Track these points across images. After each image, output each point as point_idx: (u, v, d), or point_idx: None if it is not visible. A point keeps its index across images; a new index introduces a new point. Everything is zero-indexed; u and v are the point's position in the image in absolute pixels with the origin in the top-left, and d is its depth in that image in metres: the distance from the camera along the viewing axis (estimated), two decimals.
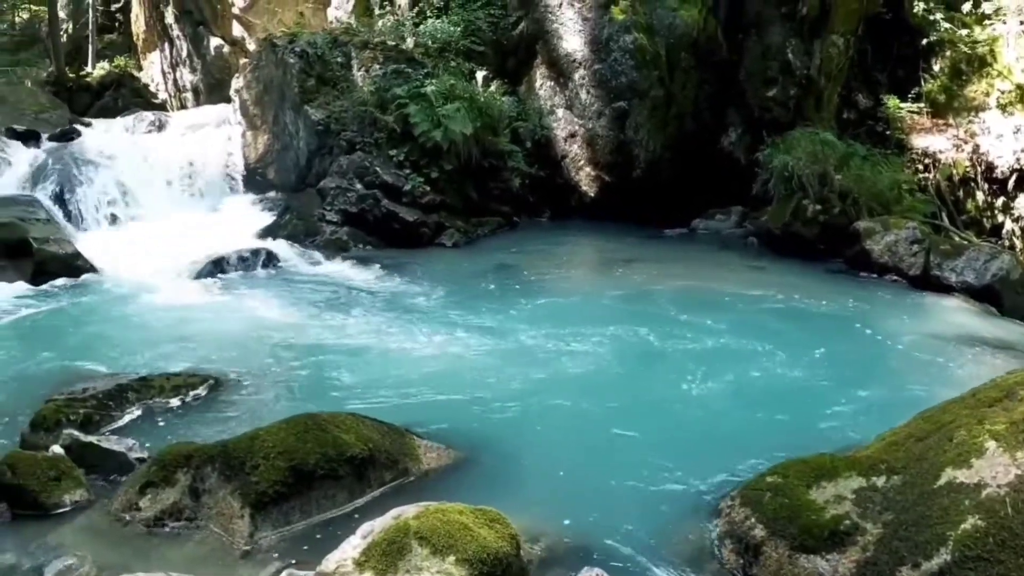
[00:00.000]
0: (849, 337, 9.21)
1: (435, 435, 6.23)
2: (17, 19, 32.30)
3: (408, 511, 4.50)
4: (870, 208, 13.05)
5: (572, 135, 15.26)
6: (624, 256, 12.72)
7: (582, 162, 15.23)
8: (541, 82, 15.63)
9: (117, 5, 29.72)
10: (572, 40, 15.12)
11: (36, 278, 11.69)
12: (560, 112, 15.41)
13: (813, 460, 5.19)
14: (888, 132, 15.33)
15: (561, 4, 15.24)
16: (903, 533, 4.34)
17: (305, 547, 4.91)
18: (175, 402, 7.13)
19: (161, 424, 6.74)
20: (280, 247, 12.77)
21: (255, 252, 12.35)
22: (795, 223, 13.18)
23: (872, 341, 9.19)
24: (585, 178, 15.22)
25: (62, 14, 29.50)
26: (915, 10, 15.34)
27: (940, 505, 4.31)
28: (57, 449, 5.73)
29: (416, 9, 16.59)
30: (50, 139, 16.87)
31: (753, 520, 4.87)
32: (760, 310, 9.93)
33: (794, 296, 10.67)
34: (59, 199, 14.67)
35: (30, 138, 16.71)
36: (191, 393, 7.29)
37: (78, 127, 18.06)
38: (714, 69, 15.29)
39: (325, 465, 5.31)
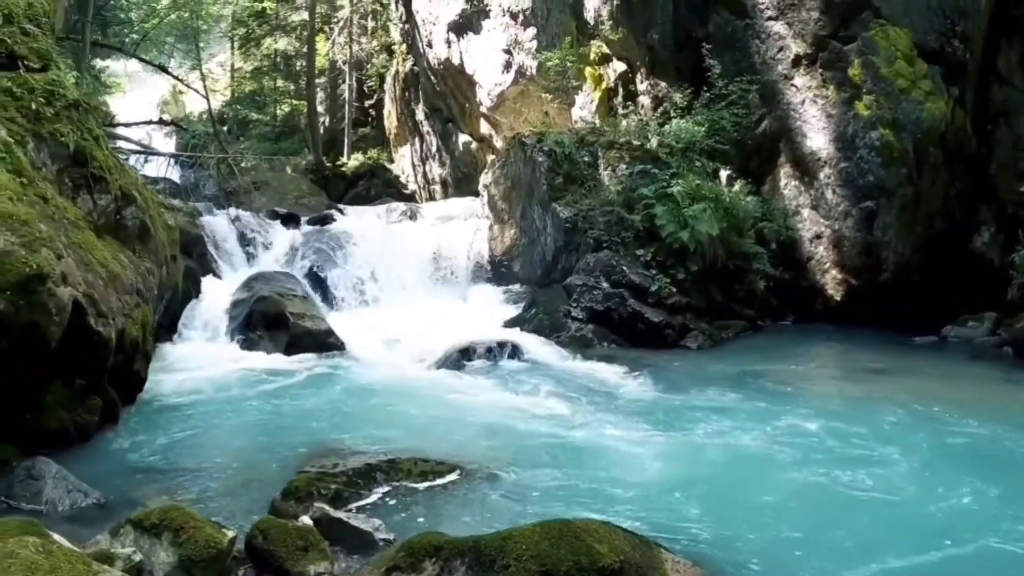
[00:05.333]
0: None
1: (681, 549, 6.00)
2: (279, 112, 34.43)
3: None
4: None
5: (818, 236, 14.89)
6: (872, 367, 12.18)
7: (828, 264, 14.80)
8: (785, 181, 15.38)
9: (370, 102, 31.34)
10: (816, 138, 14.82)
11: (289, 350, 12.40)
12: (805, 212, 15.07)
13: None
14: None
15: (804, 101, 14.99)
16: None
17: None
18: (422, 487, 7.15)
19: (407, 508, 6.76)
20: (525, 340, 12.87)
21: (501, 344, 12.47)
22: None
23: None
24: (831, 281, 14.79)
25: (320, 108, 31.37)
26: None
27: None
28: (307, 520, 5.88)
29: (660, 109, 16.73)
30: (309, 222, 17.96)
31: None
32: (1014, 434, 9.07)
33: None
34: (314, 278, 15.61)
35: (290, 220, 17.89)
36: (438, 480, 7.30)
37: (334, 213, 19.06)
38: (963, 164, 14.61)
39: (576, 573, 5.19)
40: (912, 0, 14.48)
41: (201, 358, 11.80)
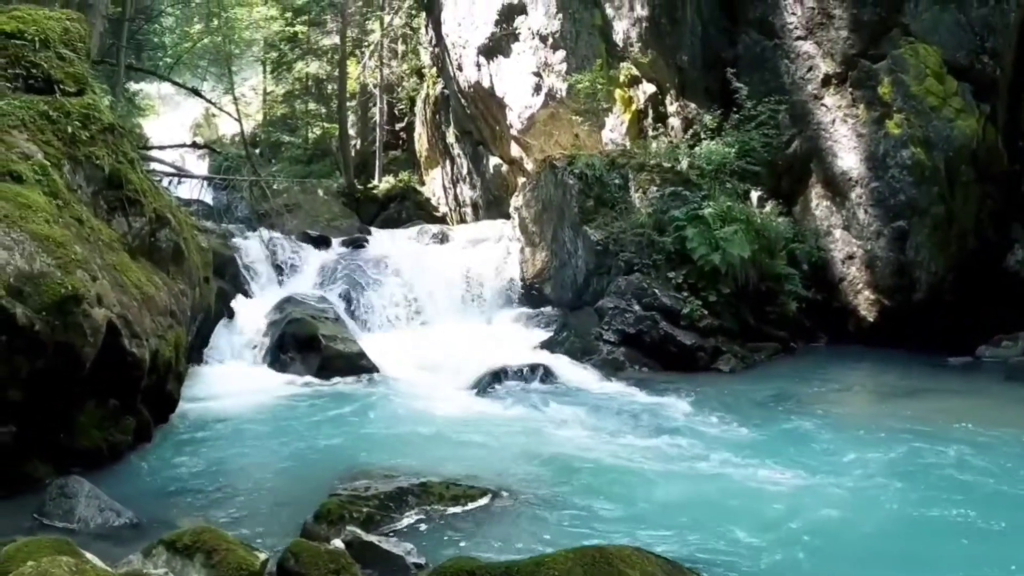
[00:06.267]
0: None
1: (715, 574, 5.94)
2: (310, 135, 34.67)
3: None
4: None
5: (850, 256, 14.75)
6: (908, 388, 12.03)
7: (860, 285, 14.65)
8: (817, 202, 15.26)
9: (401, 125, 31.41)
10: (847, 157, 14.70)
11: (321, 372, 12.47)
12: (837, 233, 14.94)
13: None
14: None
15: (834, 121, 14.89)
16: None
17: None
18: (454, 511, 7.13)
19: (439, 532, 6.73)
20: (557, 363, 12.84)
21: (533, 367, 12.45)
22: None
23: None
24: (863, 302, 14.63)
25: (351, 131, 31.54)
26: None
27: None
28: (338, 544, 5.84)
29: (690, 131, 16.69)
30: (341, 245, 18.00)
31: None
32: None
33: None
34: (346, 300, 15.61)
35: (322, 242, 17.97)
36: (470, 504, 7.28)
37: (366, 235, 19.15)
38: (995, 181, 14.42)
39: None
40: (941, 17, 14.35)
41: (233, 379, 11.89)
